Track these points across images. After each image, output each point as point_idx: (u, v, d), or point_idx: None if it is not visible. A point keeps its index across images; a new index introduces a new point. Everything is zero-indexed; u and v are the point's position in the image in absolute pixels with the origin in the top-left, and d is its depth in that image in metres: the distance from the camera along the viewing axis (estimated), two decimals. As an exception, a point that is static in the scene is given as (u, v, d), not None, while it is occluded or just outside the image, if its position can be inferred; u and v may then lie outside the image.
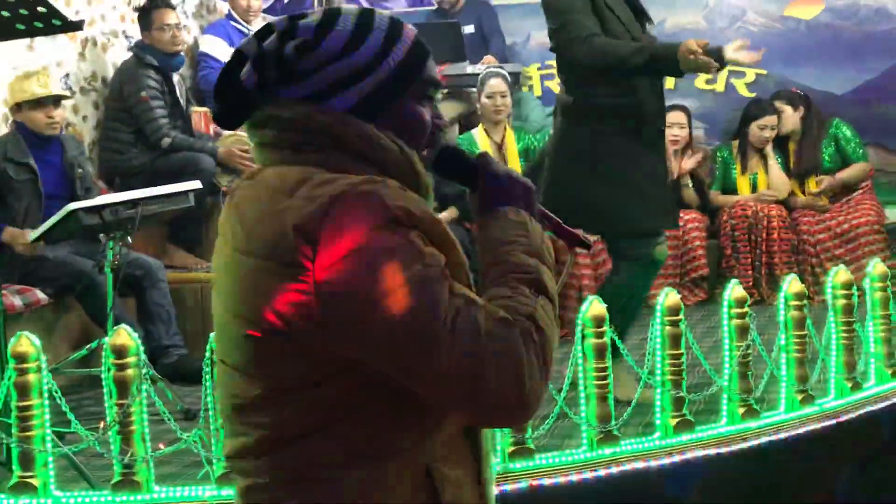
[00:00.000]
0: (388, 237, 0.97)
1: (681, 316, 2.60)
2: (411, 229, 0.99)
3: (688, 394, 2.60)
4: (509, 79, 4.72)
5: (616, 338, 2.59)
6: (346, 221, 0.96)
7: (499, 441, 2.43)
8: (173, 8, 4.57)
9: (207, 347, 2.31)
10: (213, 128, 4.63)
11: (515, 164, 4.52)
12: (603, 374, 2.49)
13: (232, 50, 4.63)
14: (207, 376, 2.35)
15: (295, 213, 0.98)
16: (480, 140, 4.60)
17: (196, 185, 3.63)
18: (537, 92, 6.02)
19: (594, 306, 2.50)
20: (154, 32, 4.46)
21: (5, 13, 2.50)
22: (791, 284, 2.77)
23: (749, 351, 2.68)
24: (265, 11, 6.02)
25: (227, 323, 1.07)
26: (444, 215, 4.25)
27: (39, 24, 2.56)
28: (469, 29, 5.62)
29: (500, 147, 4.58)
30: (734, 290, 2.69)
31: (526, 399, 0.98)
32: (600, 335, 2.48)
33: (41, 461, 2.38)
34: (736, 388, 2.67)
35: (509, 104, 4.65)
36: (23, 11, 2.50)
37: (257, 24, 5.24)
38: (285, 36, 1.07)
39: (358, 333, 0.98)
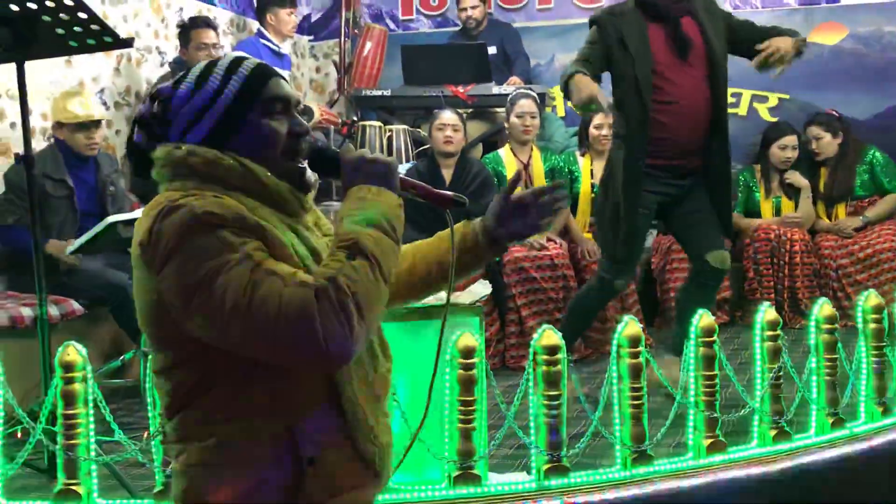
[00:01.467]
0: (196, 237, 1.17)
1: (715, 337, 2.62)
2: (218, 228, 1.18)
3: (720, 415, 2.62)
4: (538, 100, 4.77)
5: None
6: (165, 229, 1.18)
7: (533, 459, 2.46)
8: (213, 28, 4.66)
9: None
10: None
11: (541, 183, 4.56)
12: (638, 394, 2.51)
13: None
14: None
15: (139, 230, 1.23)
16: (507, 159, 4.65)
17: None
18: (560, 112, 6.09)
19: (630, 326, 2.53)
20: (191, 50, 4.55)
21: (60, 30, 2.57)
22: (822, 308, 2.79)
23: (780, 373, 2.70)
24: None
25: None
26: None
27: (92, 41, 2.62)
28: (492, 50, 5.69)
29: (526, 167, 4.63)
30: (767, 312, 2.71)
31: (324, 345, 1.13)
32: (636, 355, 2.51)
33: (85, 469, 2.42)
34: (768, 410, 2.69)
35: (538, 125, 4.69)
36: (77, 29, 2.57)
37: (287, 42, 5.34)
38: (154, 97, 1.34)
39: (188, 317, 1.18)
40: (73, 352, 2.43)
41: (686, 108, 3.29)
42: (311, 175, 1.38)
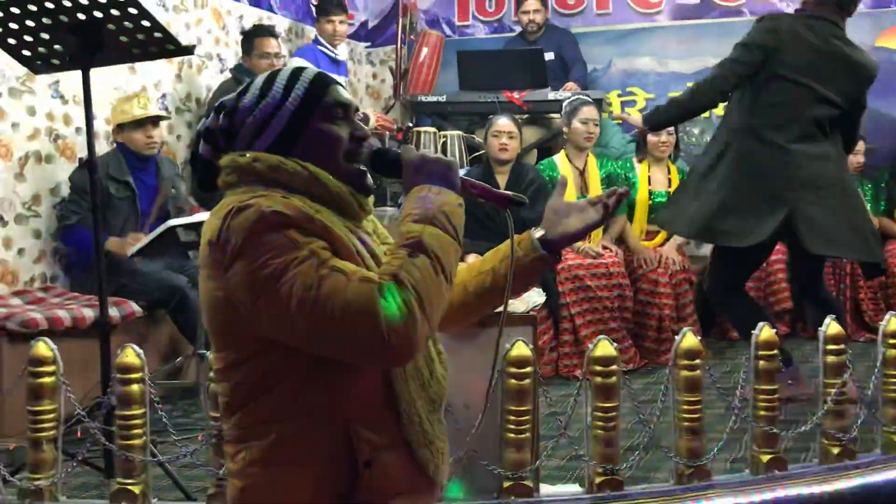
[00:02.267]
0: (264, 235, 1.20)
1: (775, 351, 2.55)
2: (284, 227, 1.21)
3: (780, 430, 2.54)
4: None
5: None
6: (233, 228, 1.22)
7: (588, 472, 2.42)
8: (275, 37, 4.73)
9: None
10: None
11: (597, 190, 4.50)
12: (694, 406, 2.45)
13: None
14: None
15: (208, 230, 1.26)
16: (562, 165, 4.60)
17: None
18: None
19: (687, 338, 2.47)
20: (254, 58, 4.62)
21: (123, 38, 2.62)
22: (890, 322, 2.69)
23: (845, 389, 2.61)
24: (351, 36, 6.18)
25: None
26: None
27: (154, 49, 2.67)
28: (549, 56, 5.65)
29: (581, 173, 4.57)
30: (830, 325, 2.63)
31: (387, 340, 1.15)
32: (692, 368, 2.45)
33: (141, 470, 2.46)
34: (831, 426, 2.61)
35: (598, 132, 4.65)
36: (140, 36, 2.62)
37: (342, 48, 5.38)
38: (220, 110, 1.38)
39: (255, 314, 1.21)
40: (132, 354, 2.47)
41: None
42: (370, 179, 1.40)
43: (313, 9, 5.87)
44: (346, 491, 1.27)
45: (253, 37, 4.67)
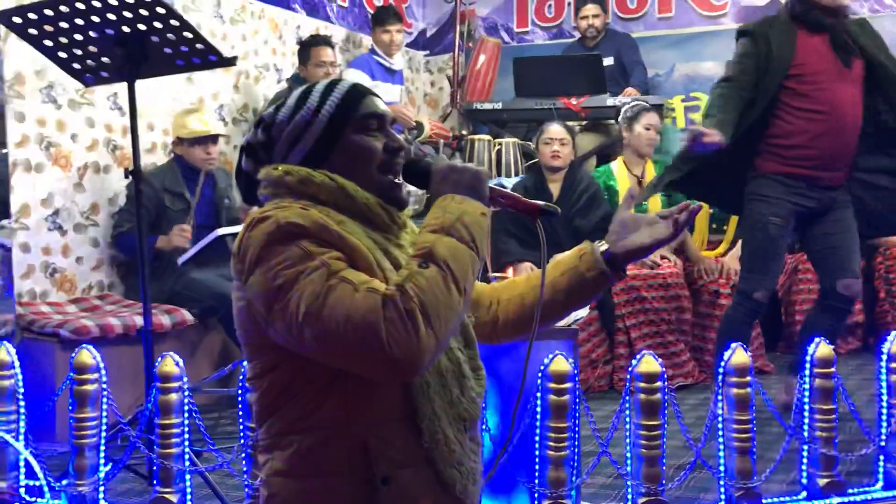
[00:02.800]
0: (278, 246, 1.20)
1: (833, 368, 2.41)
2: (299, 238, 1.20)
3: (839, 452, 2.41)
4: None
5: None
6: (251, 240, 1.22)
7: (629, 491, 2.33)
8: (331, 46, 4.75)
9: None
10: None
11: (655, 199, 4.38)
12: (744, 426, 2.34)
13: (373, 82, 4.78)
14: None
15: (237, 241, 1.27)
16: (619, 173, 4.50)
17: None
18: (680, 124, 5.87)
19: (737, 354, 2.36)
20: (310, 68, 4.65)
21: (167, 49, 2.65)
22: (963, 339, 2.52)
23: (910, 410, 2.45)
24: (410, 45, 6.18)
25: None
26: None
27: (197, 60, 2.70)
28: (608, 61, 5.55)
29: (640, 180, 4.46)
30: (893, 342, 2.48)
31: (389, 352, 1.13)
32: (742, 385, 2.34)
33: (179, 478, 2.47)
34: (894, 449, 2.45)
35: (659, 139, 4.54)
36: (183, 48, 2.65)
37: (398, 57, 5.38)
38: (258, 124, 1.39)
39: (270, 325, 1.21)
40: (170, 363, 2.49)
41: (835, 119, 3.17)
42: (406, 191, 1.38)
43: (370, 19, 5.90)
44: None
45: (309, 46, 4.70)
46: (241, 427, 2.47)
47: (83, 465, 2.53)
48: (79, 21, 2.56)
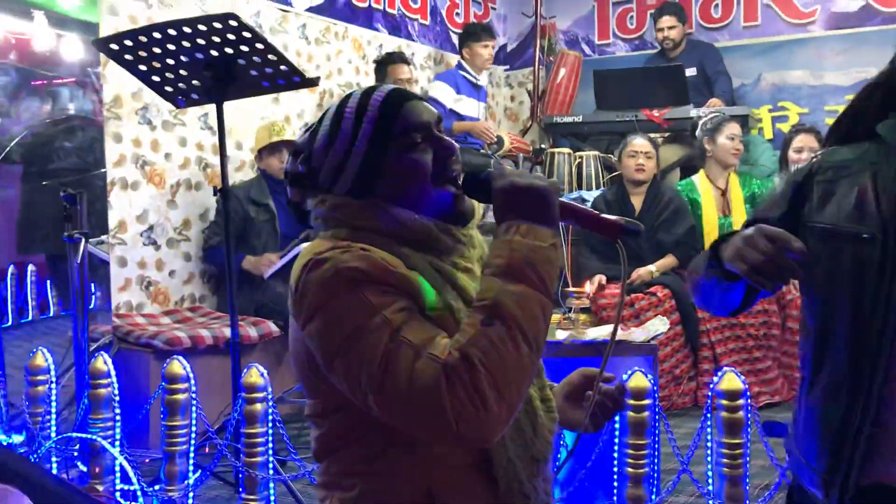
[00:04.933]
0: (338, 295, 1.12)
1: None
2: (360, 284, 1.12)
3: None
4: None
5: None
6: (309, 284, 1.14)
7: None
8: (408, 63, 4.84)
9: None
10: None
11: (740, 212, 4.29)
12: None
13: (457, 96, 4.82)
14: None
15: (292, 277, 1.19)
16: (701, 185, 4.42)
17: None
18: (768, 135, 5.72)
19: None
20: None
21: (253, 72, 2.76)
22: None
23: None
24: (488, 60, 6.20)
25: None
26: (661, 263, 4.11)
27: (282, 81, 2.79)
28: (691, 71, 5.46)
29: (724, 192, 4.37)
30: None
31: (455, 427, 1.04)
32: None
33: (264, 486, 2.55)
34: None
35: (742, 149, 4.45)
36: (268, 70, 2.75)
37: (483, 73, 5.43)
38: (296, 154, 1.30)
39: (331, 374, 1.15)
40: (256, 374, 2.57)
41: None
42: (469, 202, 1.27)
43: (452, 35, 5.97)
44: None
45: (386, 64, 4.79)
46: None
47: (174, 471, 2.64)
48: (171, 46, 2.69)
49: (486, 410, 1.04)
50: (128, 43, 2.70)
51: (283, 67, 2.73)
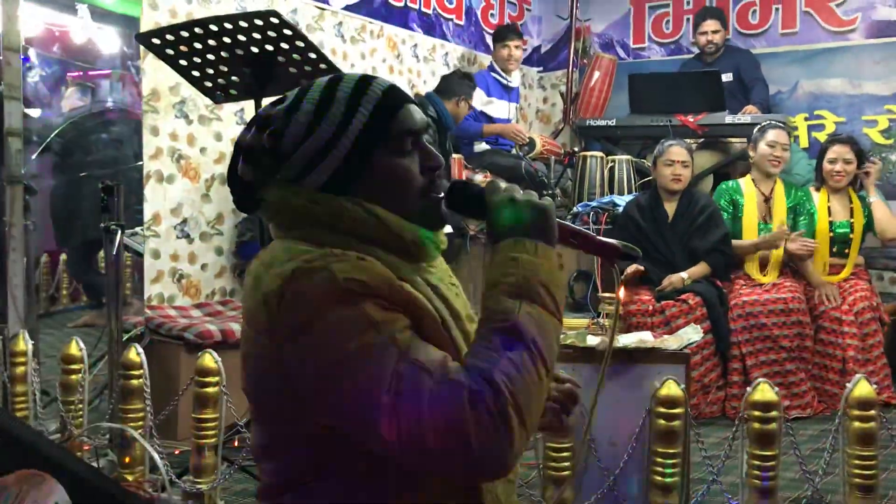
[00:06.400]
0: (337, 309, 0.99)
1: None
2: (362, 298, 1.00)
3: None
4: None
5: None
6: (300, 296, 1.00)
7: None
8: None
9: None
10: (465, 173, 4.81)
11: (781, 219, 4.24)
12: (867, 462, 2.23)
13: (488, 98, 4.84)
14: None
15: (265, 287, 1.04)
16: (746, 190, 4.35)
17: (446, 228, 3.78)
18: (804, 143, 5.66)
19: (861, 386, 2.26)
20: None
21: (292, 69, 2.77)
22: None
23: None
24: (524, 62, 6.20)
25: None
26: (694, 271, 4.07)
27: (319, 79, 2.80)
28: (727, 77, 5.41)
29: (767, 199, 4.32)
30: None
31: (478, 460, 0.95)
32: (867, 419, 2.23)
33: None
34: None
35: (787, 158, 4.38)
36: (307, 68, 2.76)
37: (515, 75, 5.42)
38: (263, 126, 1.13)
39: (313, 402, 1.01)
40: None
41: None
42: (445, 210, 1.18)
43: (486, 36, 5.96)
44: None
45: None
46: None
47: (202, 463, 2.66)
48: (212, 42, 2.70)
49: (511, 438, 0.96)
50: (169, 38, 2.72)
51: (322, 66, 2.74)
